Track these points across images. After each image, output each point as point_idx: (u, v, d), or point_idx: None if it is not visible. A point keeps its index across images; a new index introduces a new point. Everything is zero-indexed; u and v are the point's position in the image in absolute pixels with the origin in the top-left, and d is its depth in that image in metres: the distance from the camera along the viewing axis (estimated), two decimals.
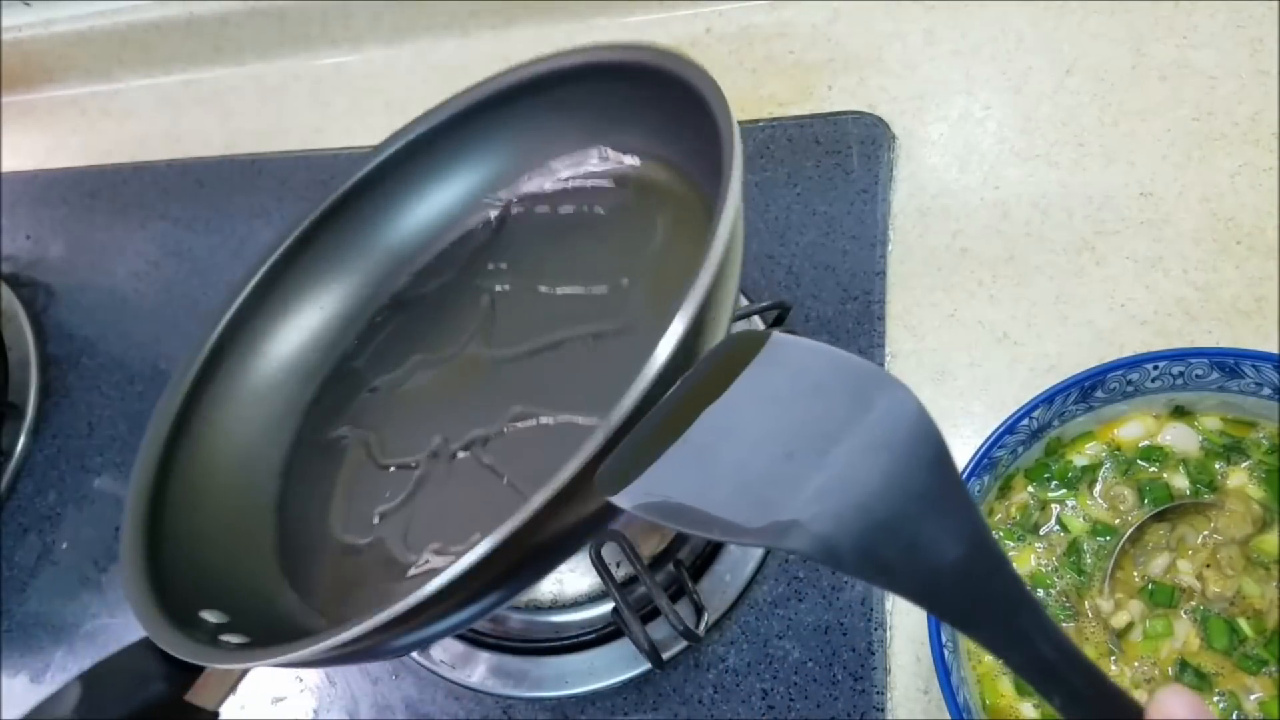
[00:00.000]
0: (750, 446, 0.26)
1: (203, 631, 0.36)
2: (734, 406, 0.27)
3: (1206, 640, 0.37)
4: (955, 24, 0.57)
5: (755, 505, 0.24)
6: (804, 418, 0.26)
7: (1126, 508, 0.40)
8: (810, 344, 0.27)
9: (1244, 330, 0.45)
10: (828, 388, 0.26)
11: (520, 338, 0.44)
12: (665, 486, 0.26)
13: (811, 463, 0.25)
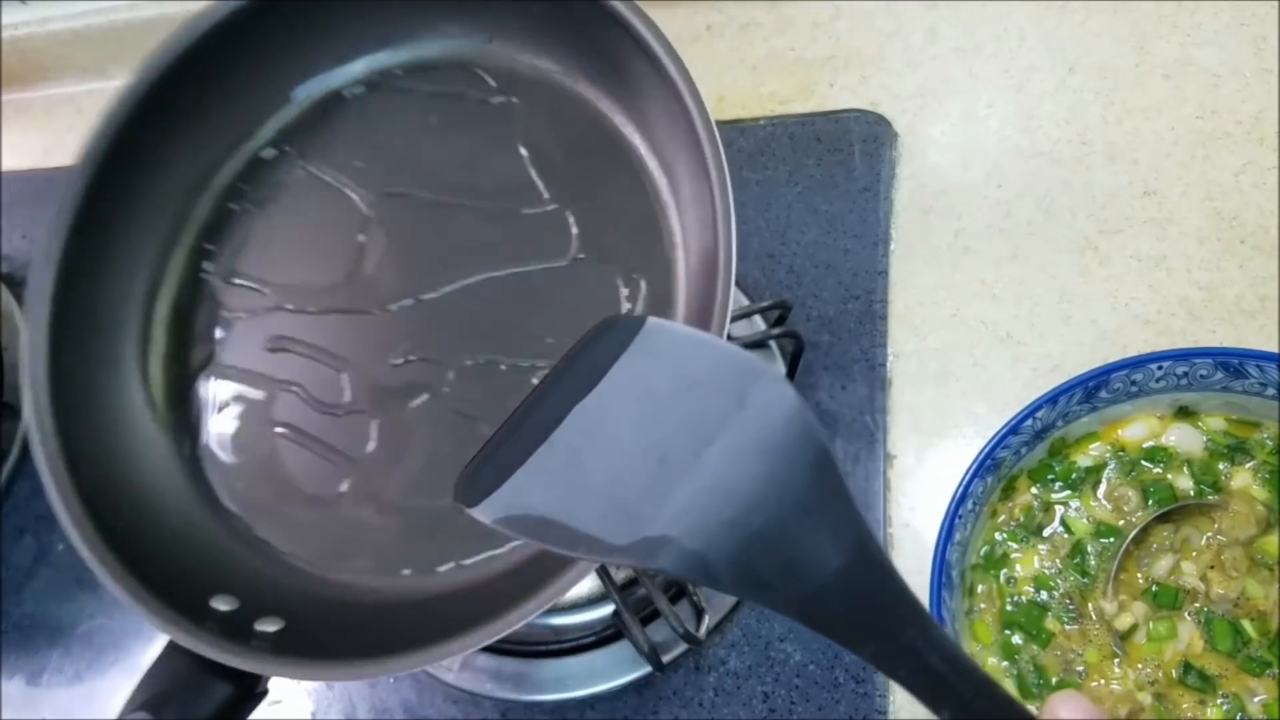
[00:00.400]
0: (622, 450, 0.24)
1: (232, 623, 0.35)
2: (606, 403, 0.24)
3: (1210, 642, 0.37)
4: (957, 22, 0.56)
5: (625, 519, 0.23)
6: (678, 416, 0.24)
7: (1130, 509, 0.39)
8: (689, 332, 0.25)
9: (1248, 330, 0.45)
10: (704, 381, 0.24)
11: (428, 269, 0.41)
12: (530, 497, 0.24)
13: (684, 468, 0.23)
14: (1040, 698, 0.37)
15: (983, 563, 0.40)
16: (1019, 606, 0.39)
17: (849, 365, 0.49)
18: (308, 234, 0.45)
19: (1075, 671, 0.38)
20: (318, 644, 0.35)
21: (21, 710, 0.57)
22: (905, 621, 0.23)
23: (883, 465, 0.47)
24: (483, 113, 0.44)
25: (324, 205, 0.45)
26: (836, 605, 0.23)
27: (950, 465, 0.46)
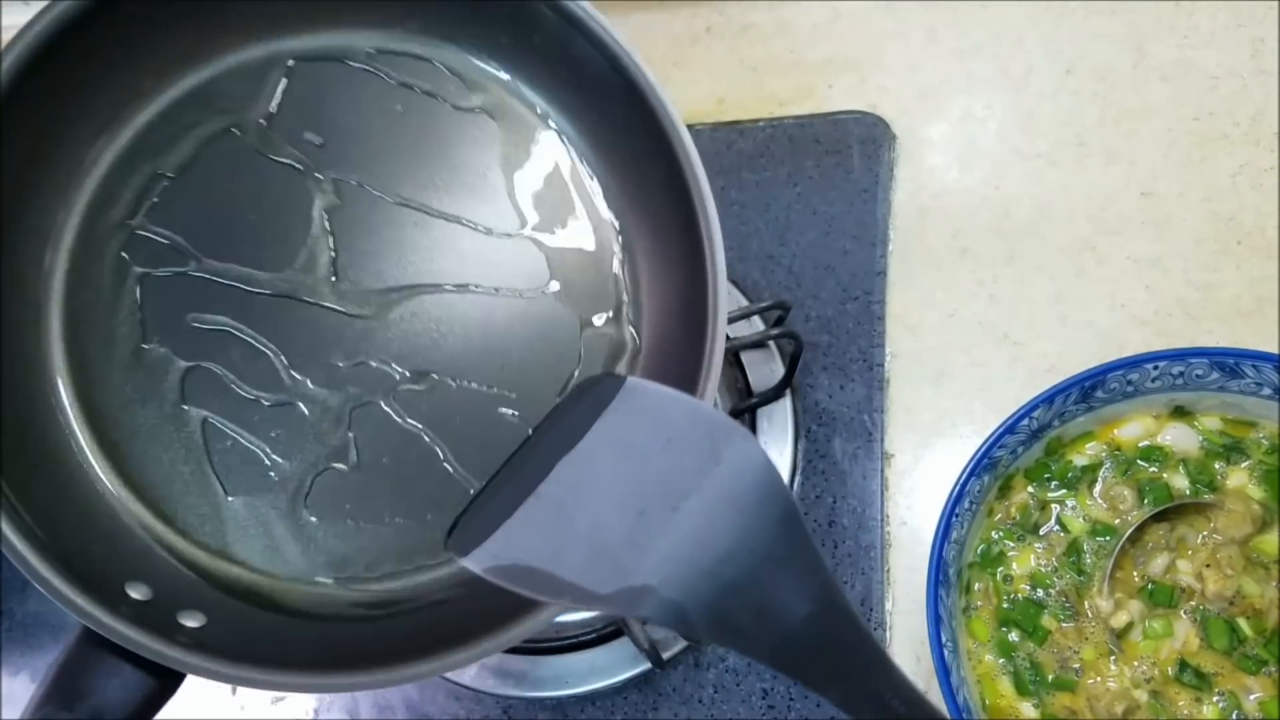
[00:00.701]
0: (605, 503, 0.25)
1: (148, 614, 0.33)
2: (590, 458, 0.26)
3: (1206, 640, 0.37)
4: (956, 24, 0.57)
5: (608, 569, 0.24)
6: (657, 471, 0.26)
7: (1126, 507, 0.40)
8: (666, 392, 0.27)
9: (1244, 330, 0.45)
10: (681, 439, 0.26)
11: (373, 275, 0.39)
12: (518, 548, 0.25)
13: (662, 521, 0.25)
14: (1037, 695, 0.38)
15: (979, 561, 0.40)
16: (1015, 604, 0.39)
17: (847, 365, 0.49)
18: (251, 204, 0.41)
19: (1071, 669, 0.38)
20: (242, 645, 0.33)
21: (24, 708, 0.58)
22: (868, 666, 0.24)
23: (880, 464, 0.47)
24: (456, 118, 0.42)
25: (273, 177, 0.41)
26: (805, 651, 0.24)
27: (947, 464, 0.47)
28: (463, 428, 0.38)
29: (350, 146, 0.42)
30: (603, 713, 0.47)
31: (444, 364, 0.39)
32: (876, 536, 0.46)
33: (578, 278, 0.40)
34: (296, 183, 0.41)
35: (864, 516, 0.46)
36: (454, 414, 0.38)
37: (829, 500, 0.47)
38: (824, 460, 0.48)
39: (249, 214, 0.41)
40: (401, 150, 0.42)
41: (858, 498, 0.47)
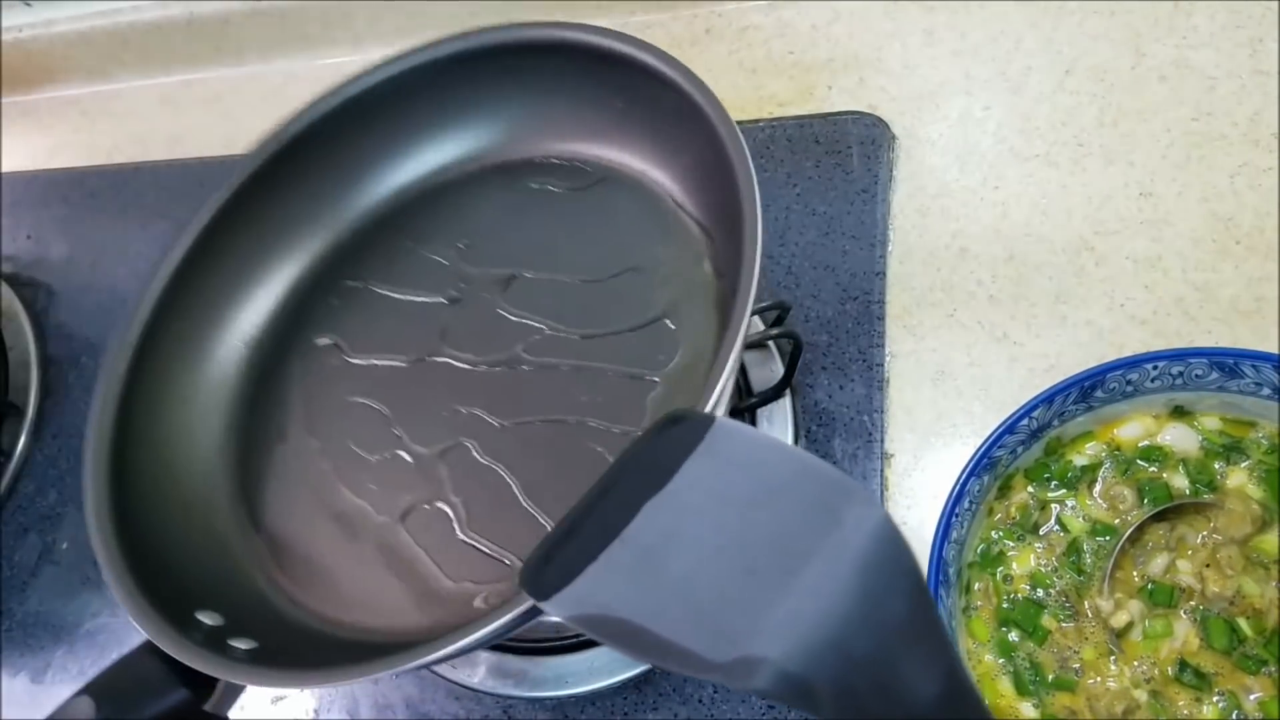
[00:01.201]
0: (703, 555, 0.23)
1: (212, 638, 0.36)
2: (680, 503, 0.24)
3: (1206, 640, 0.37)
4: (955, 24, 0.57)
5: (716, 632, 0.22)
6: (763, 527, 0.23)
7: (1126, 507, 0.40)
8: (759, 436, 0.25)
9: (1243, 330, 0.45)
10: (786, 492, 0.23)
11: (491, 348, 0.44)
12: (607, 595, 0.23)
13: (777, 583, 0.22)
14: (1037, 695, 0.38)
15: (979, 561, 0.40)
16: (1015, 604, 0.39)
17: (847, 365, 0.49)
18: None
19: (1071, 669, 0.38)
20: (289, 662, 0.36)
21: (25, 708, 0.58)
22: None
23: (880, 464, 0.47)
24: (578, 203, 0.46)
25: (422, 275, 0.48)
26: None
27: (947, 464, 0.47)
28: (536, 467, 0.40)
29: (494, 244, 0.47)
30: (603, 713, 0.47)
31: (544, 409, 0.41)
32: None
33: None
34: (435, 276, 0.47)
35: None
36: (534, 455, 0.41)
37: None
38: (824, 460, 0.48)
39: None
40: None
41: None
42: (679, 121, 0.40)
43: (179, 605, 0.37)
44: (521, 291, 0.45)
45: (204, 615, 0.37)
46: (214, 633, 0.37)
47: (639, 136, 0.45)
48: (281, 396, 0.47)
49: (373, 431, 0.44)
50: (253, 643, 0.36)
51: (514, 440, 0.41)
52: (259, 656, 0.36)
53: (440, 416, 0.43)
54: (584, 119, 0.46)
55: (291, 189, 0.48)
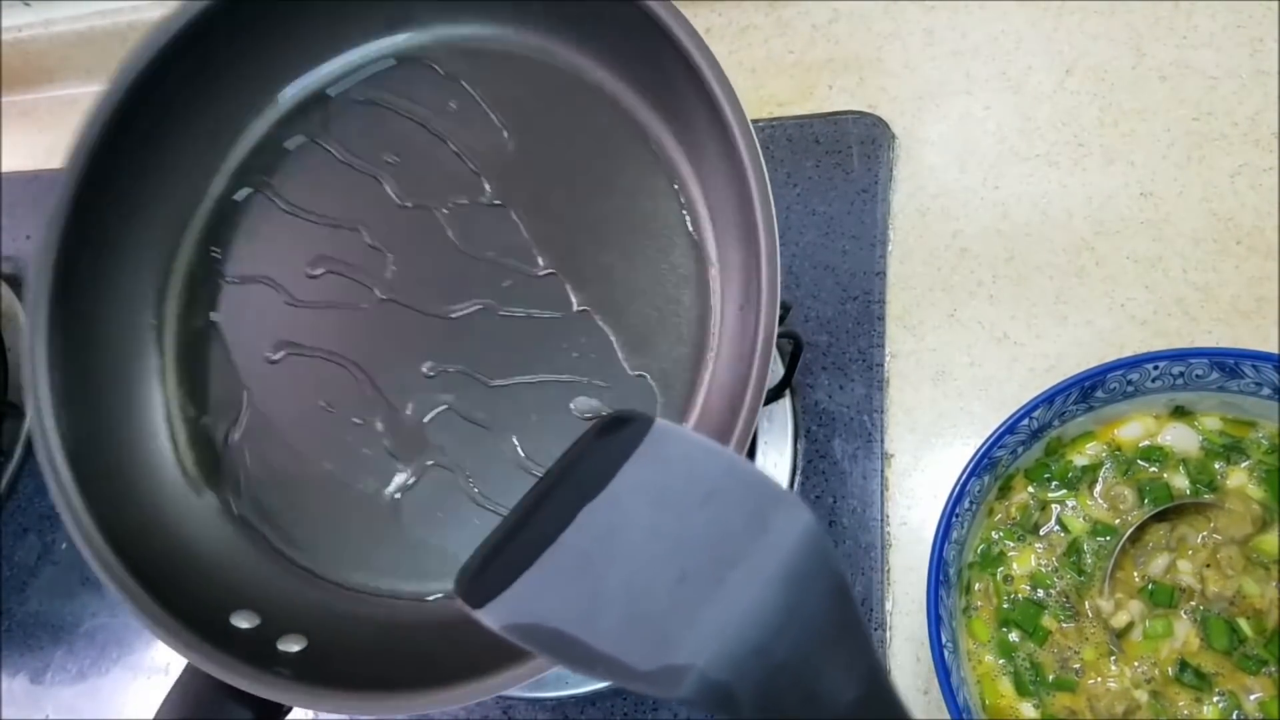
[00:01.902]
0: (638, 561, 0.23)
1: (256, 643, 0.34)
2: (617, 508, 0.24)
3: (1206, 640, 0.37)
4: (955, 24, 0.57)
5: (648, 641, 0.22)
6: (695, 531, 0.23)
7: (1126, 508, 0.40)
8: (698, 440, 0.25)
9: (1244, 330, 0.45)
10: (720, 497, 0.24)
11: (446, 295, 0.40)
12: (542, 604, 0.23)
13: (705, 590, 0.22)
14: (1037, 695, 0.38)
15: (979, 561, 0.40)
16: (1015, 604, 0.39)
17: (847, 365, 0.49)
18: (325, 224, 0.42)
19: (1072, 669, 0.38)
20: (341, 670, 0.33)
21: (25, 708, 0.58)
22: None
23: (880, 464, 0.47)
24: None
25: (352, 190, 0.42)
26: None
27: (947, 464, 0.47)
28: (541, 431, 0.38)
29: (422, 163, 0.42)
30: (602, 713, 0.46)
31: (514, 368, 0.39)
32: (876, 536, 0.46)
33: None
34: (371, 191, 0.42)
35: (864, 516, 0.46)
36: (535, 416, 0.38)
37: (829, 500, 0.47)
38: (824, 460, 0.48)
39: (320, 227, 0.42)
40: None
41: (858, 498, 0.47)
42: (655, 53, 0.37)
43: (209, 615, 0.34)
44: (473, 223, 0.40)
45: (240, 618, 0.35)
46: (254, 636, 0.35)
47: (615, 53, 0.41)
48: (214, 349, 0.42)
49: (340, 389, 0.40)
50: (302, 640, 0.34)
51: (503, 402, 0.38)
52: (309, 660, 0.34)
53: (416, 372, 0.39)
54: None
55: (189, 85, 0.41)
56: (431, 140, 0.42)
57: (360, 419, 0.40)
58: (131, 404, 0.41)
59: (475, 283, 0.40)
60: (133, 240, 0.42)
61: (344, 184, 0.43)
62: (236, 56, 0.42)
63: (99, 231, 0.40)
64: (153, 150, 0.42)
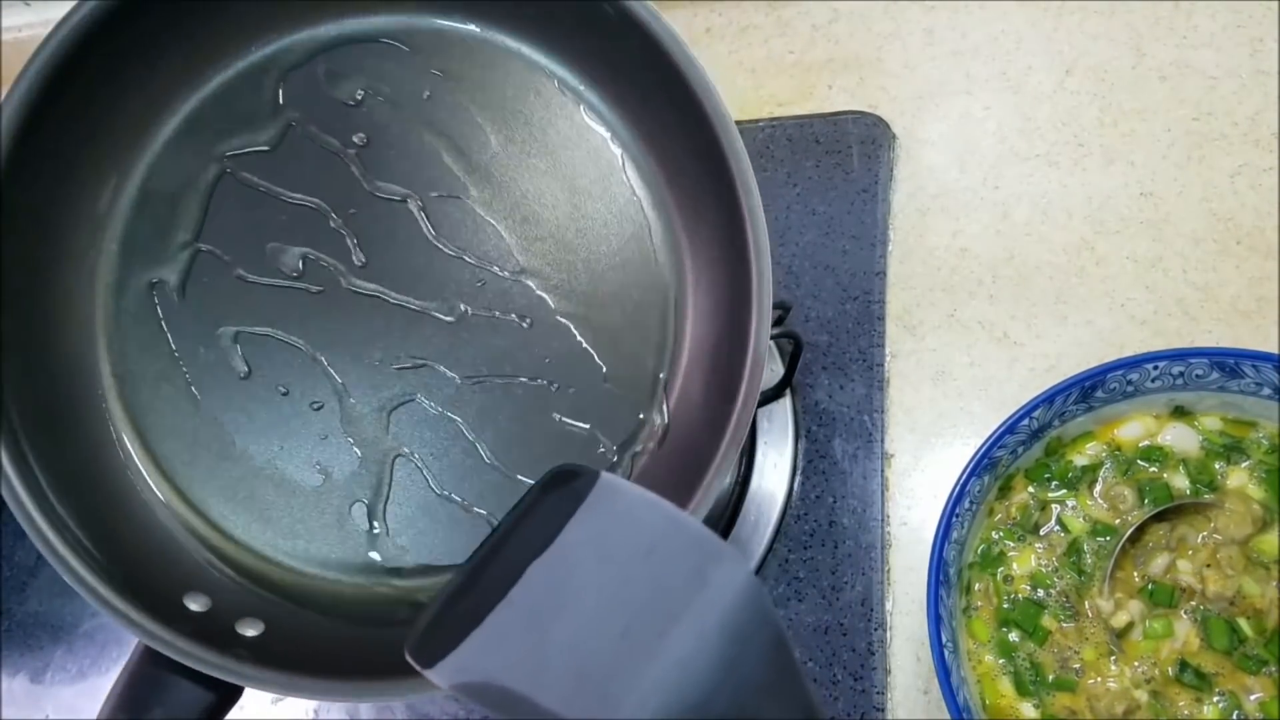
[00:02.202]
0: (583, 616, 0.24)
1: (209, 625, 0.33)
2: (564, 564, 0.24)
3: (1207, 640, 0.37)
4: (955, 24, 0.57)
5: (592, 698, 0.22)
6: (638, 586, 0.24)
7: (1126, 508, 0.40)
8: (644, 495, 0.26)
9: (1244, 330, 0.45)
10: (662, 551, 0.24)
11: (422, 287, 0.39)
12: (491, 661, 0.23)
13: (648, 645, 0.23)
14: (1037, 695, 0.38)
15: (979, 561, 0.40)
16: (1015, 604, 0.39)
17: (847, 365, 0.49)
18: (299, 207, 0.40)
19: (1072, 669, 0.38)
20: (301, 655, 0.33)
21: (25, 708, 0.58)
22: None
23: (880, 464, 0.47)
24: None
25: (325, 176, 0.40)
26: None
27: (947, 464, 0.47)
28: (503, 430, 0.38)
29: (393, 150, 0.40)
30: None
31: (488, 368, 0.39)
32: (876, 536, 0.46)
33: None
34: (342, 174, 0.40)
35: (864, 516, 0.46)
36: (498, 415, 0.38)
37: (829, 500, 0.47)
38: (824, 460, 0.48)
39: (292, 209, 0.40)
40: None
41: (858, 498, 0.47)
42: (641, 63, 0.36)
43: (161, 595, 0.34)
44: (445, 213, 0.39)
45: (192, 601, 0.35)
46: (208, 619, 0.34)
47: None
48: (160, 325, 0.39)
49: (294, 372, 0.38)
50: (258, 624, 0.34)
51: (471, 397, 0.38)
52: (268, 643, 0.34)
53: (374, 361, 0.38)
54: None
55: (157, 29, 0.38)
56: (406, 128, 0.40)
57: (319, 403, 0.39)
58: (72, 376, 0.39)
59: (449, 279, 0.39)
60: (75, 169, 0.39)
61: (310, 162, 0.40)
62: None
63: (50, 144, 0.37)
64: (107, 86, 0.39)
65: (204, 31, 0.40)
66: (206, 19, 0.40)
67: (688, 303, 0.39)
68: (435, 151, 0.40)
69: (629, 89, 0.40)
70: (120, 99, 0.39)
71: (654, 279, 0.39)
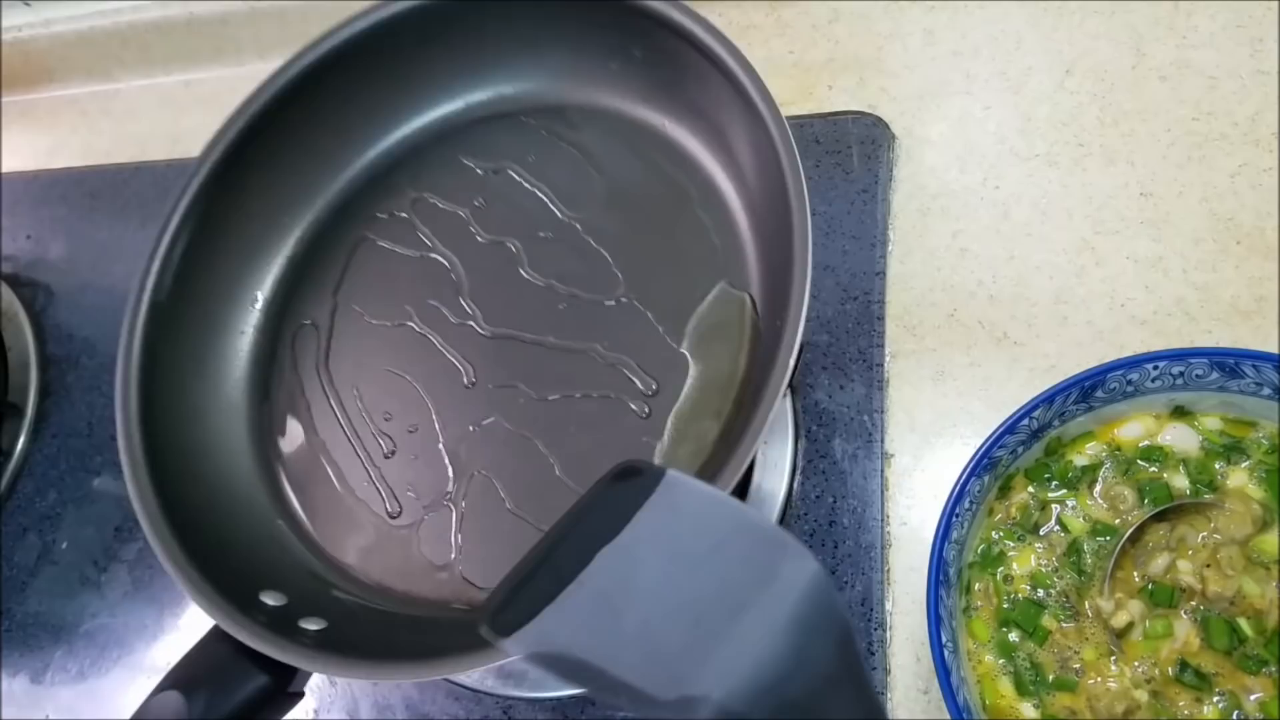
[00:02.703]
0: (654, 603, 0.25)
1: (279, 619, 0.36)
2: (632, 552, 0.26)
3: (1207, 640, 0.37)
4: (955, 24, 0.57)
5: (665, 674, 0.24)
6: (708, 579, 0.25)
7: (1126, 508, 0.40)
8: (707, 490, 0.27)
9: (1244, 330, 0.45)
10: (729, 546, 0.26)
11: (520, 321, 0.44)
12: (565, 636, 0.25)
13: (719, 632, 0.24)
14: (1037, 695, 0.38)
15: (979, 560, 0.40)
16: (1015, 604, 0.39)
17: (847, 365, 0.49)
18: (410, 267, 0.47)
19: (1072, 669, 0.38)
20: (357, 645, 0.36)
21: (25, 708, 0.58)
22: None
23: (880, 464, 0.47)
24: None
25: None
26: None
27: (947, 464, 0.47)
28: (576, 442, 0.41)
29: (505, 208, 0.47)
30: (602, 713, 0.46)
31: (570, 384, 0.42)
32: (876, 536, 0.46)
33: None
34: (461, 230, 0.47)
35: (864, 516, 0.46)
36: (572, 428, 0.42)
37: (829, 500, 0.47)
38: (824, 460, 0.48)
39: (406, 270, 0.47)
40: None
41: (858, 498, 0.47)
42: (723, 104, 0.40)
43: (241, 588, 0.37)
44: (541, 254, 0.45)
45: (267, 596, 0.38)
46: (279, 613, 0.37)
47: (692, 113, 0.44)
48: (294, 363, 0.46)
49: (402, 401, 0.44)
50: (321, 621, 0.37)
51: (548, 415, 0.42)
52: (328, 637, 0.36)
53: (467, 388, 0.43)
54: (612, 71, 0.45)
55: (302, 127, 0.47)
56: (511, 183, 0.47)
57: (414, 427, 0.44)
58: (211, 387, 0.46)
59: (542, 309, 0.44)
60: (241, 241, 0.48)
61: (434, 223, 0.48)
62: (348, 98, 0.48)
63: (218, 222, 0.46)
64: (270, 170, 0.48)
65: (352, 117, 0.48)
66: (350, 108, 0.48)
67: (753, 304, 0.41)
68: (538, 200, 0.46)
69: (714, 131, 0.43)
70: (278, 181, 0.48)
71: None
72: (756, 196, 0.41)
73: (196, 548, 0.38)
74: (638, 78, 0.45)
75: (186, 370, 0.45)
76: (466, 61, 0.47)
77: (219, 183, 0.45)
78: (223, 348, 0.47)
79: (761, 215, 0.41)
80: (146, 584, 0.58)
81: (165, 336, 0.43)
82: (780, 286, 0.36)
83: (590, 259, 0.44)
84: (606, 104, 0.46)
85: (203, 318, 0.46)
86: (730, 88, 0.39)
